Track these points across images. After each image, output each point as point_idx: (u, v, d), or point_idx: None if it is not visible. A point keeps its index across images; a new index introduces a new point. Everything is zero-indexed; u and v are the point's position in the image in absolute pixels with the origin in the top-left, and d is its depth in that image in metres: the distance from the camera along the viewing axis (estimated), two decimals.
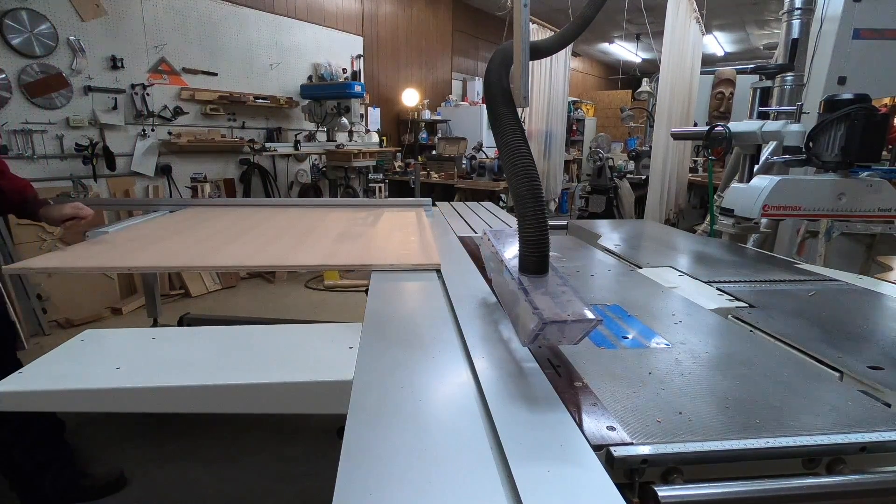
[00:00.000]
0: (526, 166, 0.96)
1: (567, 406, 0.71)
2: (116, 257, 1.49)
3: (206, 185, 4.47)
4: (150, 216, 2.21)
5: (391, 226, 2.03)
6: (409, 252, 1.57)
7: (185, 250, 1.58)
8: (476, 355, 0.85)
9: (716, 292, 1.33)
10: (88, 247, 1.63)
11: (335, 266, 1.55)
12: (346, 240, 1.74)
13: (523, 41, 1.03)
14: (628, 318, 1.12)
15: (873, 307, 1.24)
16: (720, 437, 0.66)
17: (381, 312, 1.08)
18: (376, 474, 0.55)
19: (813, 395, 0.77)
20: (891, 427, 0.69)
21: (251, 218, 2.14)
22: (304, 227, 1.97)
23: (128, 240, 1.71)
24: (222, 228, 1.93)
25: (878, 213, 1.93)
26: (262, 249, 1.60)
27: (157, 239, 1.73)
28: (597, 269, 1.59)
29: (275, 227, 1.95)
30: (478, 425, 0.66)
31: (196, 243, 1.67)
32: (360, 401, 0.70)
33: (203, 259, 1.51)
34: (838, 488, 0.63)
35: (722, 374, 0.84)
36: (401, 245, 1.67)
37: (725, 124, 2.25)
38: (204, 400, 0.82)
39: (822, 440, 0.66)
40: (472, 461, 0.58)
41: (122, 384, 0.81)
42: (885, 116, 1.80)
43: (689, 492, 0.59)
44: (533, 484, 0.54)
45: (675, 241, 2.08)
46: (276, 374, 0.83)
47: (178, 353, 0.91)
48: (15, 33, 3.33)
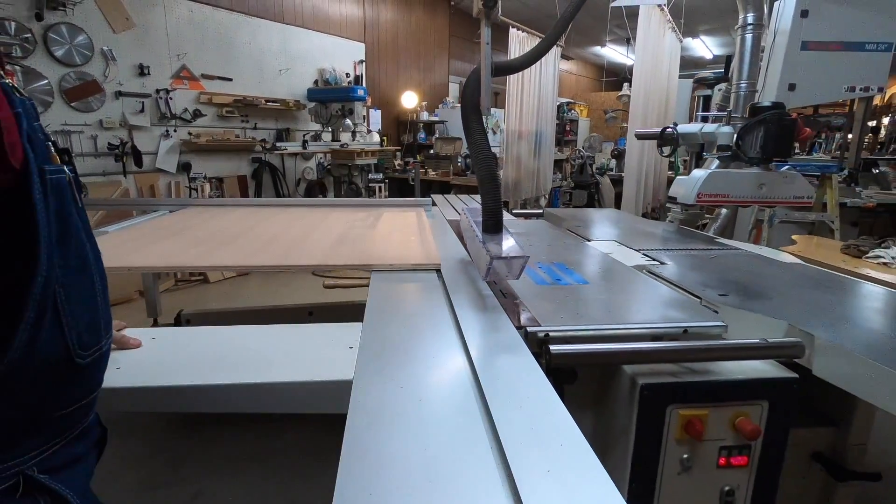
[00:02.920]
0: (487, 159, 1.37)
1: (507, 312, 1.12)
2: (116, 257, 1.47)
3: (206, 184, 4.56)
4: (150, 216, 2.21)
5: (391, 226, 2.03)
6: (409, 252, 1.57)
7: (184, 250, 1.57)
8: (476, 355, 0.85)
9: (641, 256, 1.73)
10: None
11: (335, 266, 1.51)
12: (346, 240, 1.74)
13: (487, 68, 1.45)
14: (566, 269, 1.53)
15: (749, 263, 1.65)
16: (596, 324, 1.07)
17: (381, 312, 1.08)
18: (376, 474, 0.55)
19: (669, 308, 1.19)
20: (704, 319, 1.10)
21: (251, 218, 2.14)
22: (305, 227, 1.97)
23: (128, 240, 1.69)
24: (222, 228, 1.93)
25: (793, 200, 2.34)
26: (262, 249, 1.60)
27: (157, 239, 1.71)
28: (554, 242, 2.00)
29: (275, 227, 1.95)
30: (478, 425, 0.66)
31: (196, 243, 1.66)
32: (360, 401, 0.70)
33: (203, 259, 1.50)
34: (666, 351, 1.04)
35: (616, 297, 1.25)
36: (401, 245, 1.68)
37: (675, 126, 2.66)
38: (204, 400, 0.82)
39: (662, 325, 1.08)
40: (473, 461, 0.59)
41: (122, 384, 0.80)
42: (793, 121, 2.21)
43: (569, 349, 1.00)
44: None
45: (629, 224, 2.49)
46: (276, 373, 0.83)
47: (178, 353, 0.91)
48: (57, 45, 3.74)
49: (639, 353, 1.01)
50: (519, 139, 5.69)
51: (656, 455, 1.02)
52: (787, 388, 1.03)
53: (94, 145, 4.07)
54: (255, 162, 5.39)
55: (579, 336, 1.05)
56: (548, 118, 6.24)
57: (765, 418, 1.04)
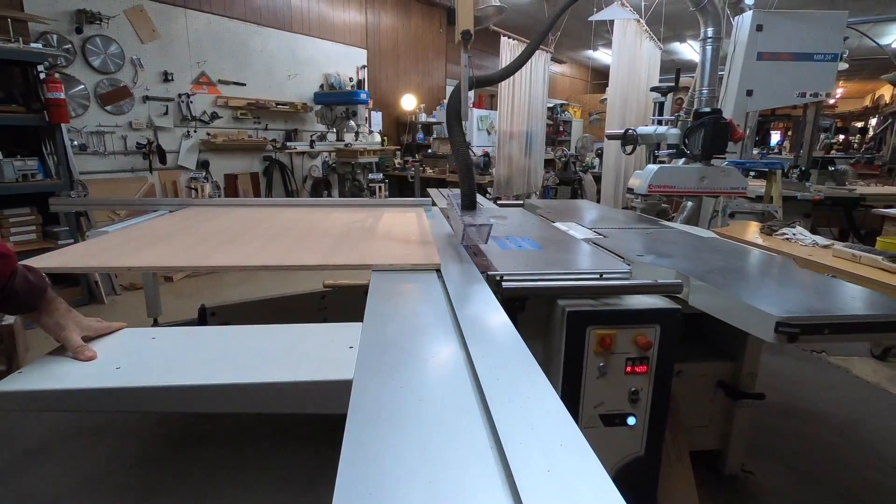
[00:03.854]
0: (465, 155, 1.82)
1: (475, 261, 1.56)
2: (116, 257, 1.48)
3: (207, 184, 4.43)
4: (150, 216, 2.22)
5: (391, 226, 2.05)
6: (409, 252, 1.58)
7: (185, 250, 1.57)
8: (476, 355, 0.85)
9: (592, 233, 2.17)
10: (88, 247, 1.62)
11: (335, 266, 1.51)
12: (346, 239, 1.75)
13: (465, 84, 1.89)
14: (528, 241, 1.97)
15: (673, 237, 2.10)
16: (538, 271, 1.51)
17: (381, 312, 1.09)
18: (376, 474, 0.55)
19: (600, 265, 1.64)
20: (616, 268, 1.55)
21: (251, 218, 2.15)
22: (305, 227, 1.97)
23: (128, 240, 1.70)
24: (222, 228, 1.93)
25: (729, 191, 2.78)
26: (262, 249, 1.61)
27: (157, 239, 1.72)
28: (525, 223, 2.44)
29: (275, 227, 1.95)
30: (478, 425, 0.67)
31: (196, 243, 1.67)
32: (360, 400, 0.71)
33: (203, 259, 1.50)
34: (584, 287, 1.48)
35: (559, 256, 1.69)
36: (401, 245, 1.69)
37: (635, 129, 3.11)
38: (204, 400, 0.82)
39: (584, 272, 1.52)
40: (473, 461, 0.59)
41: (122, 384, 0.80)
42: (726, 124, 2.65)
43: (516, 285, 1.44)
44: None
45: (593, 211, 2.93)
46: (276, 373, 0.83)
47: (178, 353, 0.91)
48: (94, 55, 4.19)
49: (564, 288, 1.46)
50: (510, 139, 6.12)
51: (580, 363, 1.46)
52: (672, 315, 1.47)
53: (125, 144, 4.52)
54: (266, 160, 5.84)
55: (524, 278, 1.49)
56: (538, 119, 6.68)
57: (657, 337, 1.47)
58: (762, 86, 4.04)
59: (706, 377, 1.95)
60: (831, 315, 1.18)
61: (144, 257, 1.48)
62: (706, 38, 3.93)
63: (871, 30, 9.58)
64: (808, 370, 2.90)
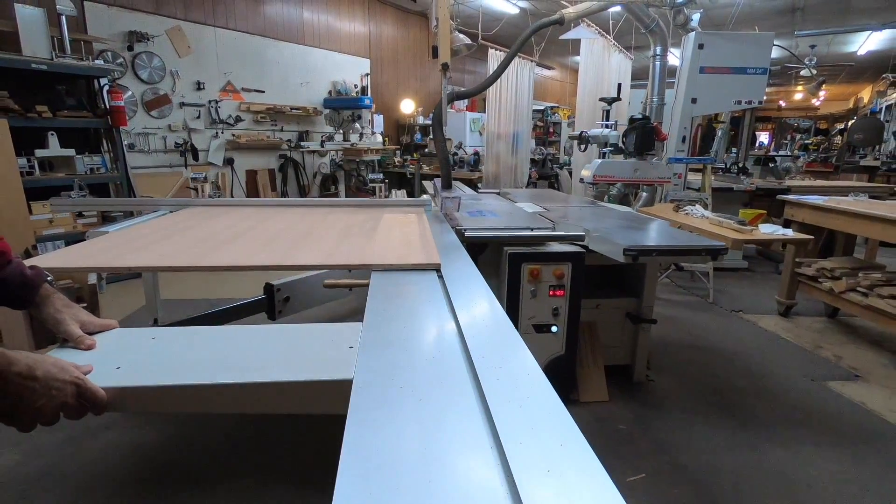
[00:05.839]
0: (444, 150, 2.59)
1: (450, 223, 2.32)
2: (116, 257, 1.48)
3: (207, 185, 4.46)
4: (151, 216, 2.24)
5: (391, 226, 2.09)
6: (409, 252, 1.59)
7: (185, 250, 1.56)
8: (476, 355, 0.86)
9: (542, 209, 2.93)
10: (88, 246, 1.62)
11: (335, 266, 1.52)
12: (347, 239, 1.76)
13: (445, 100, 2.65)
14: (491, 213, 2.73)
15: (599, 211, 2.86)
16: (491, 227, 2.28)
17: (382, 312, 1.09)
18: (376, 474, 0.55)
19: (534, 225, 2.41)
20: (542, 227, 2.31)
21: (252, 218, 2.18)
22: (305, 227, 1.99)
23: (128, 240, 1.70)
24: (222, 228, 1.94)
25: (657, 180, 3.53)
26: (262, 249, 1.60)
27: (158, 239, 1.72)
28: (495, 204, 3.20)
29: (275, 227, 1.97)
30: (478, 425, 0.66)
31: (196, 243, 1.66)
32: (360, 400, 0.71)
33: (203, 259, 1.48)
34: (519, 237, 2.24)
35: (511, 221, 2.46)
36: (401, 245, 1.69)
37: (587, 131, 3.88)
38: (204, 400, 0.82)
39: (520, 227, 2.28)
40: (473, 461, 0.59)
41: (122, 384, 0.80)
42: (653, 127, 3.41)
43: (475, 234, 2.20)
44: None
45: (553, 197, 3.69)
46: (276, 373, 0.82)
47: (178, 353, 0.91)
48: (142, 68, 4.97)
49: (506, 238, 2.22)
50: (498, 140, 6.87)
51: (518, 288, 2.21)
52: (579, 256, 2.22)
53: (164, 144, 5.28)
54: (281, 158, 6.61)
55: (480, 231, 2.25)
56: (524, 121, 7.41)
57: (570, 271, 2.23)
58: (704, 94, 4.77)
59: (619, 309, 2.72)
60: (658, 246, 1.95)
61: (145, 257, 1.49)
62: (655, 55, 4.69)
63: (834, 39, 10.35)
64: (724, 323, 3.66)
